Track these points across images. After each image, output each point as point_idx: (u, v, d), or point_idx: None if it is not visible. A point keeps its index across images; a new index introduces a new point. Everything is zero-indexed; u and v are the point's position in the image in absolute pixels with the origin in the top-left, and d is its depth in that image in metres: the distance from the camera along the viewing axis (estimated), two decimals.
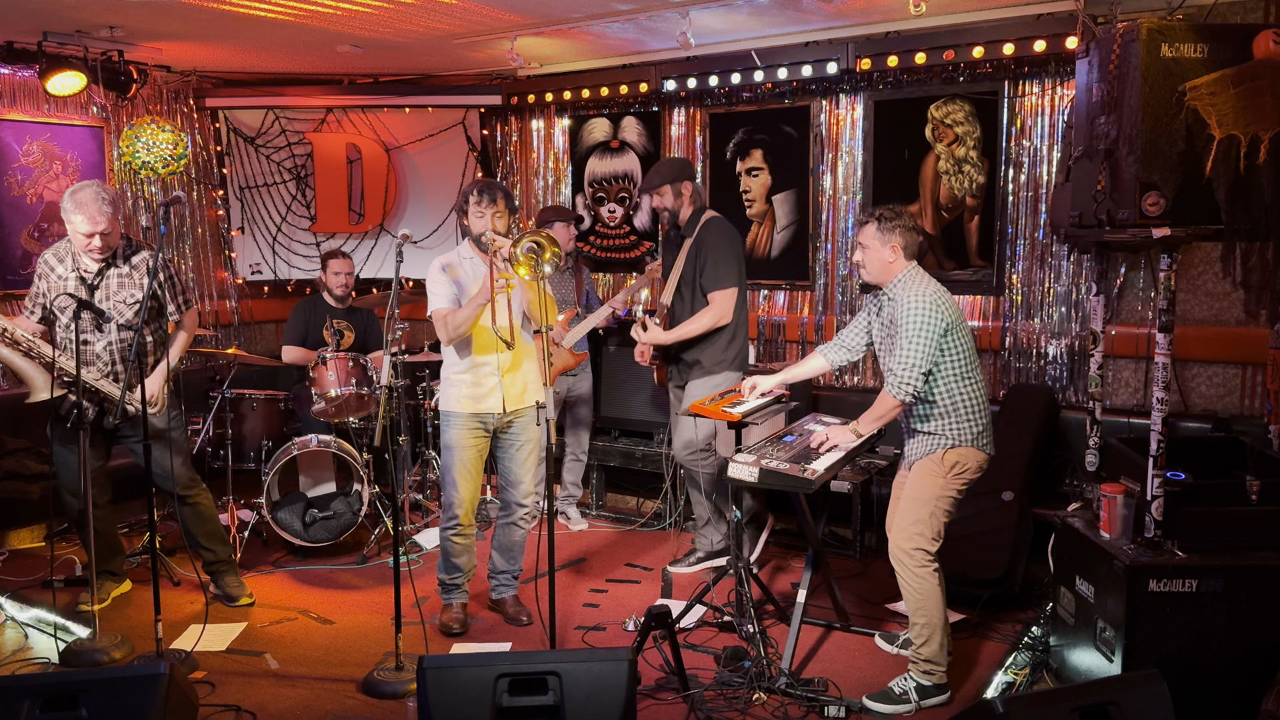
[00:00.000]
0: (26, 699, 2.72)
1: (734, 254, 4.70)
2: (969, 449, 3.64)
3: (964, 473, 3.65)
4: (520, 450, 4.29)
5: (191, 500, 4.51)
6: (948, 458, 3.64)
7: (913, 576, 3.63)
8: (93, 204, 4.04)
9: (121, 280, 4.25)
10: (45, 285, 4.22)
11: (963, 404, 3.62)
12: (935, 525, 3.65)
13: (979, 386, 3.67)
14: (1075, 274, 5.11)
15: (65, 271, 4.21)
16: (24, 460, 5.43)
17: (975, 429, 3.64)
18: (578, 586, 4.89)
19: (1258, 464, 3.63)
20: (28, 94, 5.88)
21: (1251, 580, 3.22)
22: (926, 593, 3.62)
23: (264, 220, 6.98)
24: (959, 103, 5.32)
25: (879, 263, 3.70)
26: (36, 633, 4.31)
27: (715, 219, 4.77)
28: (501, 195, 4.11)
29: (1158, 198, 3.15)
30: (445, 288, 4.14)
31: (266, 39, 5.62)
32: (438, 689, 2.72)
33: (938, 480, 3.65)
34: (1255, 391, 4.70)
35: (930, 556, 3.64)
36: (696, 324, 4.68)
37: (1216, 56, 3.15)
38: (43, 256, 4.26)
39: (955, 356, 3.60)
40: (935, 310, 3.55)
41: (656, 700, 3.68)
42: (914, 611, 3.67)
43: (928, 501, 3.65)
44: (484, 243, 4.04)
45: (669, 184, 4.74)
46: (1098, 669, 3.40)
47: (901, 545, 3.66)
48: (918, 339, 3.54)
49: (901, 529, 3.69)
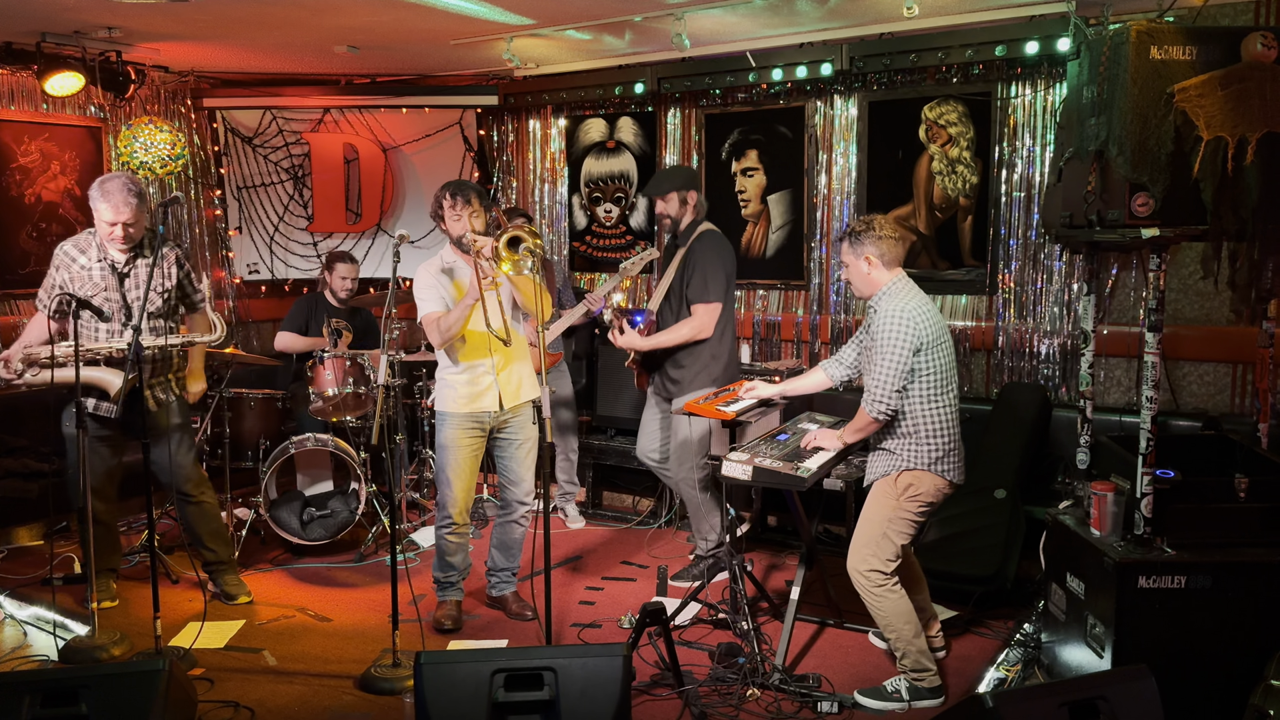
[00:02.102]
0: (28, 694, 2.75)
1: (723, 270, 4.64)
2: (924, 473, 3.59)
3: (918, 496, 3.60)
4: (519, 449, 4.32)
5: (198, 499, 4.54)
6: (900, 480, 3.61)
7: (871, 597, 3.63)
8: (118, 193, 4.10)
9: (150, 270, 4.30)
10: (65, 276, 4.23)
11: (925, 426, 3.57)
12: (889, 548, 3.61)
13: (948, 411, 3.60)
14: (1067, 274, 5.15)
15: (89, 262, 4.24)
16: (23, 459, 5.45)
17: (935, 454, 3.58)
18: (574, 584, 4.92)
19: (1246, 462, 3.66)
20: (26, 94, 5.90)
21: (1240, 577, 3.25)
22: (888, 611, 3.61)
23: (261, 220, 7.00)
24: (952, 103, 5.35)
25: (859, 276, 3.68)
26: (35, 630, 4.34)
27: (710, 232, 4.74)
28: (475, 194, 4.11)
29: (1147, 198, 3.19)
30: (433, 292, 4.16)
31: (264, 40, 5.65)
32: (435, 685, 2.75)
33: (890, 502, 3.62)
34: (1245, 390, 4.74)
35: (885, 576, 3.61)
36: (675, 334, 4.64)
37: (1205, 59, 3.18)
38: (62, 248, 4.28)
39: (925, 377, 3.55)
40: (910, 326, 3.50)
41: (651, 696, 3.71)
42: (884, 629, 3.68)
43: (879, 523, 3.63)
44: (465, 244, 4.06)
45: (676, 192, 4.71)
46: (1088, 665, 3.43)
47: (856, 567, 3.65)
48: (890, 355, 3.50)
49: (855, 550, 3.66)
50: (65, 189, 6.12)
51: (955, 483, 3.65)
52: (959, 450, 3.65)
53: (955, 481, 3.65)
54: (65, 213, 6.11)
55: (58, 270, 4.25)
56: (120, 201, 4.10)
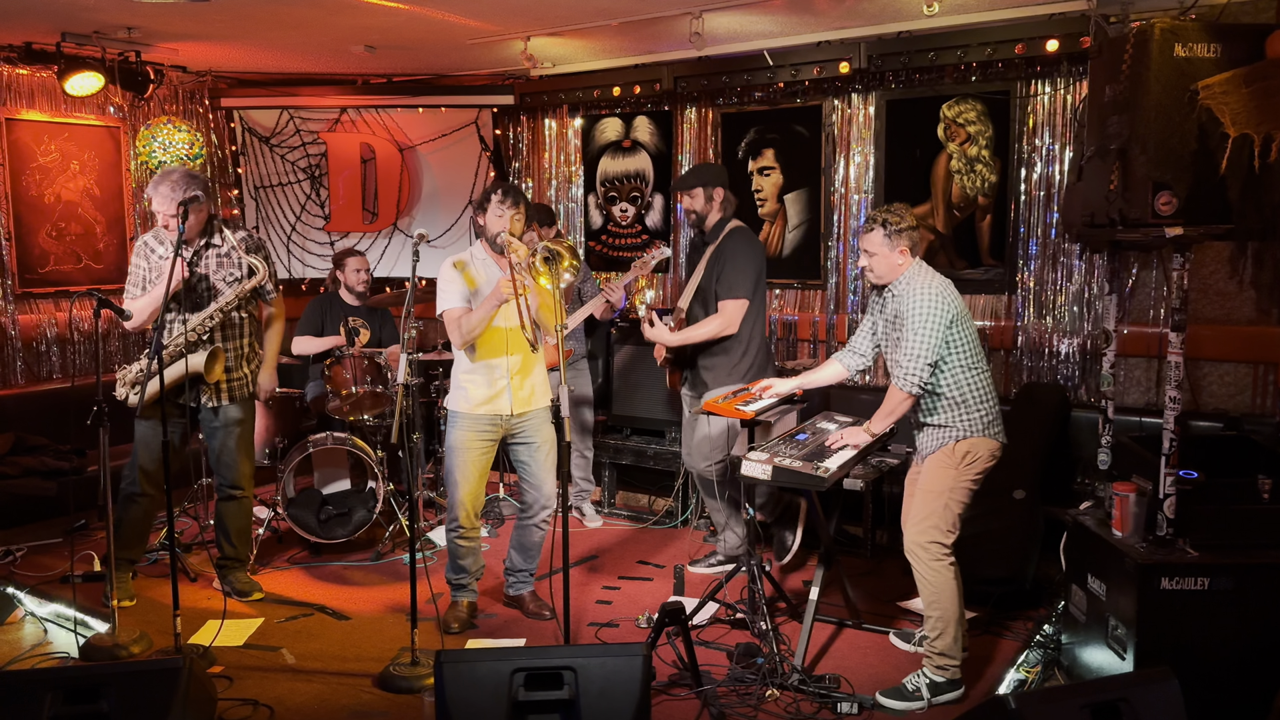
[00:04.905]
0: (50, 691, 2.76)
1: (753, 267, 4.65)
2: (980, 438, 3.66)
3: (976, 462, 3.67)
4: (538, 452, 4.31)
5: (240, 496, 4.62)
6: (959, 449, 3.66)
7: (928, 570, 3.65)
8: (165, 184, 4.21)
9: (220, 260, 4.40)
10: (148, 265, 4.36)
11: (971, 395, 3.64)
12: (949, 518, 3.66)
13: (985, 376, 3.69)
14: (1087, 273, 5.12)
15: (166, 252, 4.34)
16: (42, 457, 5.48)
17: (985, 418, 3.66)
18: (591, 583, 4.92)
19: (1269, 463, 3.63)
20: (46, 94, 5.94)
21: (1263, 578, 3.23)
22: (941, 586, 3.64)
23: (278, 219, 7.03)
24: (971, 102, 5.33)
25: (888, 266, 3.71)
26: (56, 628, 4.36)
27: (741, 229, 4.75)
28: (523, 201, 4.14)
29: (1170, 197, 3.16)
30: (457, 286, 4.16)
31: (281, 40, 5.67)
32: (455, 683, 2.75)
33: (950, 472, 3.67)
34: (1267, 390, 4.70)
35: (946, 549, 3.65)
36: (703, 329, 4.65)
37: (1229, 56, 3.16)
38: (143, 239, 4.42)
39: (961, 348, 3.62)
40: (940, 301, 3.57)
41: (670, 696, 3.70)
42: (929, 604, 3.68)
43: (941, 494, 3.67)
44: (499, 244, 4.06)
45: (702, 187, 4.71)
46: (1109, 667, 3.41)
47: (917, 539, 3.68)
48: (923, 330, 3.55)
49: (916, 523, 3.71)
50: (84, 189, 6.16)
51: (1004, 443, 3.75)
52: (1000, 414, 3.75)
53: (1004, 443, 3.75)
54: (84, 212, 6.15)
55: (143, 259, 4.38)
56: (168, 191, 4.19)
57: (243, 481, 4.61)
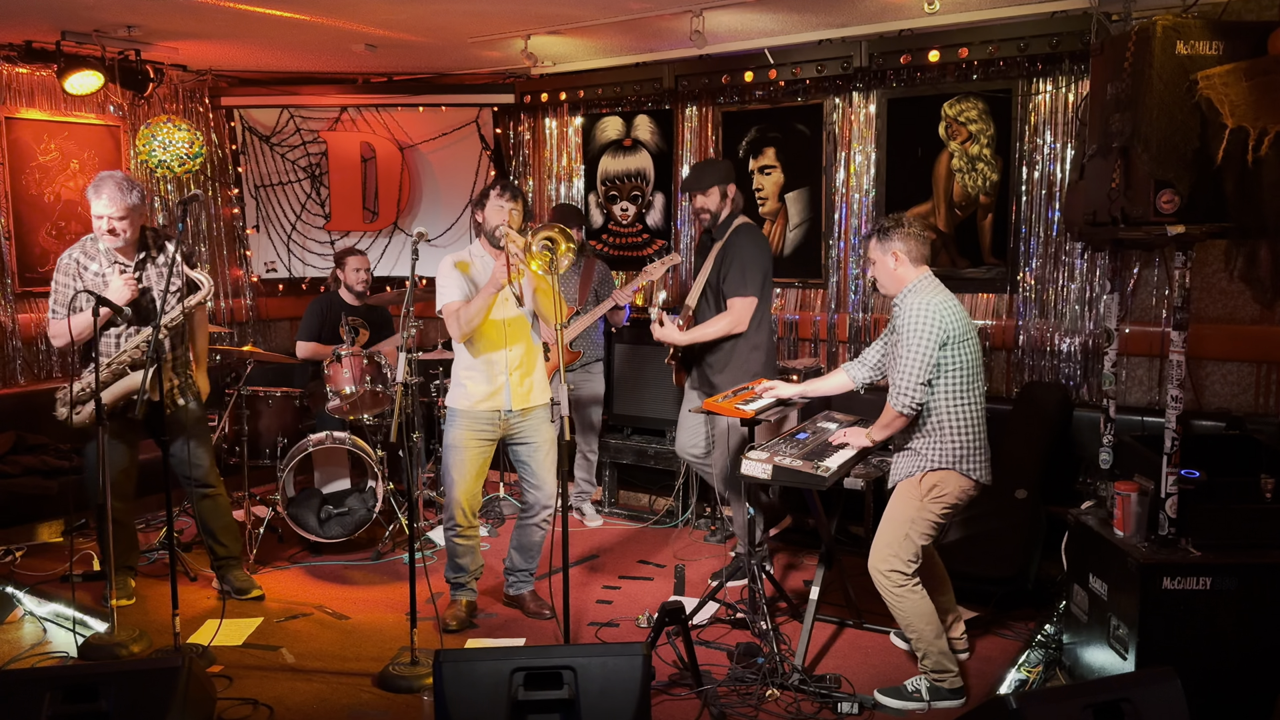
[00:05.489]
0: (49, 690, 2.75)
1: (760, 264, 4.62)
2: (949, 472, 3.55)
3: (943, 497, 3.58)
4: (539, 450, 4.30)
5: (212, 494, 4.57)
6: (925, 480, 3.58)
7: (892, 597, 3.61)
8: (109, 185, 4.11)
9: (160, 272, 4.31)
10: (79, 285, 4.20)
11: (949, 423, 3.54)
12: (910, 548, 3.59)
13: (973, 410, 3.56)
14: (1089, 272, 5.10)
15: (101, 268, 4.23)
16: (43, 456, 5.48)
17: (959, 451, 3.54)
18: (591, 583, 4.91)
19: (1272, 462, 3.62)
20: (46, 93, 5.93)
21: (1266, 578, 3.22)
22: (909, 611, 3.59)
23: (279, 218, 7.02)
24: (972, 100, 5.31)
25: (886, 273, 3.66)
26: (55, 627, 4.36)
27: (747, 225, 4.72)
28: (521, 199, 4.18)
29: (1172, 195, 3.15)
30: (456, 281, 4.17)
31: (281, 38, 5.65)
32: (454, 682, 2.74)
33: (913, 503, 3.60)
34: (1269, 389, 4.69)
35: (907, 577, 3.58)
36: (711, 328, 4.63)
37: (1232, 54, 3.14)
38: (70, 256, 4.24)
39: (951, 373, 3.52)
40: (934, 320, 3.48)
41: (670, 696, 3.70)
42: (905, 629, 3.66)
43: (903, 524, 3.60)
44: (497, 235, 4.07)
45: (717, 186, 4.68)
46: (1111, 666, 3.40)
47: (878, 566, 3.63)
48: (915, 348, 3.48)
49: (877, 550, 3.64)
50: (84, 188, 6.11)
51: (981, 482, 3.61)
52: (985, 450, 3.61)
53: (981, 481, 3.60)
54: (84, 211, 6.12)
55: (73, 279, 4.22)
56: (112, 193, 4.09)
57: (212, 479, 4.55)
